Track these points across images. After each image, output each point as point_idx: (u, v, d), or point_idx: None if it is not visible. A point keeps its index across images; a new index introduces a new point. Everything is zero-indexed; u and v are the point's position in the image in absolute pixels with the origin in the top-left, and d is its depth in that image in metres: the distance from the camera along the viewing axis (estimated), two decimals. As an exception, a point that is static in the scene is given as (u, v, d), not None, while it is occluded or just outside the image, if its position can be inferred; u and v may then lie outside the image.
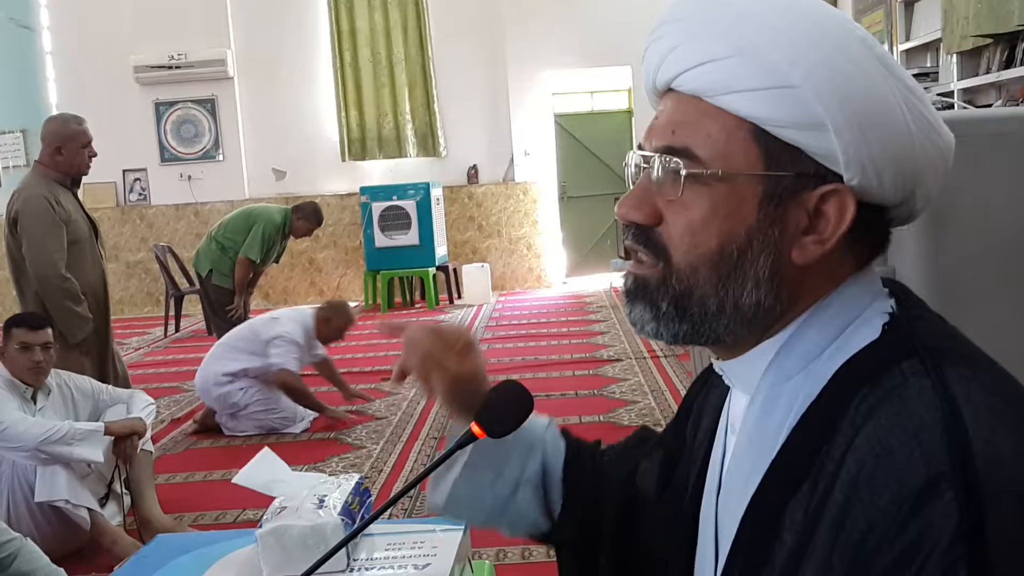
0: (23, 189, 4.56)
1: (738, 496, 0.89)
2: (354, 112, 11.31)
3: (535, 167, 11.34)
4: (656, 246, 0.89)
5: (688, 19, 0.88)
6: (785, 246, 0.86)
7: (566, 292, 10.89)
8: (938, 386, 0.78)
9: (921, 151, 0.86)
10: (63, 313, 4.41)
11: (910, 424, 0.76)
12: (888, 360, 0.82)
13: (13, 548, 3.02)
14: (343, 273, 11.46)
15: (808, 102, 0.82)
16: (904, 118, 0.84)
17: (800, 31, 0.83)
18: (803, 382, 0.87)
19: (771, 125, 0.84)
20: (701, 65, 0.86)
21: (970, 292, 2.66)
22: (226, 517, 4.23)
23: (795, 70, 0.82)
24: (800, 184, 0.85)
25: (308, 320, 5.66)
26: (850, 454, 0.78)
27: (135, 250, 11.26)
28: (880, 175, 0.85)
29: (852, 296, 0.88)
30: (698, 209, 0.86)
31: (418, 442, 5.19)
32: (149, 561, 1.93)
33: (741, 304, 0.87)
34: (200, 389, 5.60)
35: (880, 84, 0.83)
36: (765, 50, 0.83)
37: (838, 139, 0.83)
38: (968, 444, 0.74)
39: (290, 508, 1.82)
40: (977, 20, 5.39)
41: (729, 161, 0.85)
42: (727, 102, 0.85)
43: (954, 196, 2.67)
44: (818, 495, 0.79)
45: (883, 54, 0.85)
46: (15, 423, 3.70)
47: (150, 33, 11.03)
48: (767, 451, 0.87)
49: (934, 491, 0.72)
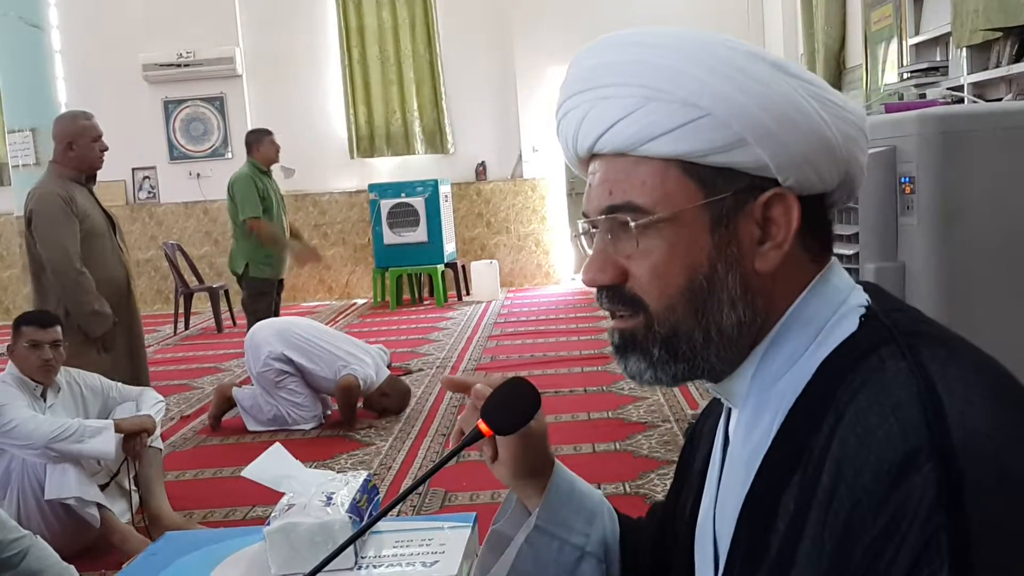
0: (37, 188, 4.57)
1: (734, 500, 0.91)
2: (362, 109, 11.32)
3: (543, 163, 11.33)
4: (631, 300, 0.93)
5: (590, 87, 0.93)
6: (747, 260, 0.89)
7: (575, 288, 10.87)
8: (914, 366, 0.80)
9: (840, 134, 0.90)
10: (80, 308, 4.40)
11: (888, 402, 0.78)
12: (867, 349, 0.84)
13: (23, 546, 3.02)
14: (352, 270, 11.47)
15: (724, 124, 0.86)
16: (813, 110, 0.88)
17: (694, 63, 0.87)
18: (790, 381, 0.89)
19: (697, 156, 0.88)
20: (616, 124, 0.90)
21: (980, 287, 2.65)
22: (236, 514, 4.23)
23: (703, 99, 0.87)
24: (741, 200, 0.89)
25: (382, 358, 5.85)
26: (834, 438, 0.80)
27: (144, 248, 11.28)
28: (813, 168, 0.89)
29: (825, 293, 0.91)
30: (657, 253, 0.90)
31: (427, 439, 5.19)
32: (158, 558, 1.93)
33: (724, 327, 0.90)
34: (251, 347, 5.65)
35: (782, 87, 0.87)
36: (669, 90, 0.87)
37: (762, 148, 0.86)
38: (944, 417, 0.76)
39: (298, 505, 1.82)
40: (987, 14, 5.36)
41: (670, 202, 0.89)
42: (649, 149, 0.89)
43: (964, 191, 2.66)
44: (807, 482, 0.81)
45: (775, 59, 0.89)
46: (25, 421, 3.71)
47: (159, 31, 11.05)
48: (759, 451, 0.89)
49: (912, 464, 0.74)
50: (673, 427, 5.04)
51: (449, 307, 10.22)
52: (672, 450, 4.64)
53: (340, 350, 5.61)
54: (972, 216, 2.66)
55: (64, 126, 4.61)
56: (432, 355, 7.54)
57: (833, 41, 8.64)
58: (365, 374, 5.53)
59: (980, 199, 2.66)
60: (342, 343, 5.73)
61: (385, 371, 5.76)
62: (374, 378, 5.59)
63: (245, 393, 5.67)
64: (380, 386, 5.63)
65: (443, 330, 8.76)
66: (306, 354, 5.55)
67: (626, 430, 5.05)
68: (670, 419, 5.19)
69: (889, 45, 7.51)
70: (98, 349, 4.47)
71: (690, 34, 0.90)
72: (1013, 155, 2.70)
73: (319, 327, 5.91)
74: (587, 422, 5.31)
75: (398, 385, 5.79)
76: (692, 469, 1.09)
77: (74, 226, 4.42)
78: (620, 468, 4.42)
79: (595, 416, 5.40)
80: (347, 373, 5.48)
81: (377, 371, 5.65)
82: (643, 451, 4.67)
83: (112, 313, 4.49)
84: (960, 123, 2.72)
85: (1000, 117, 2.82)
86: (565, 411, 5.49)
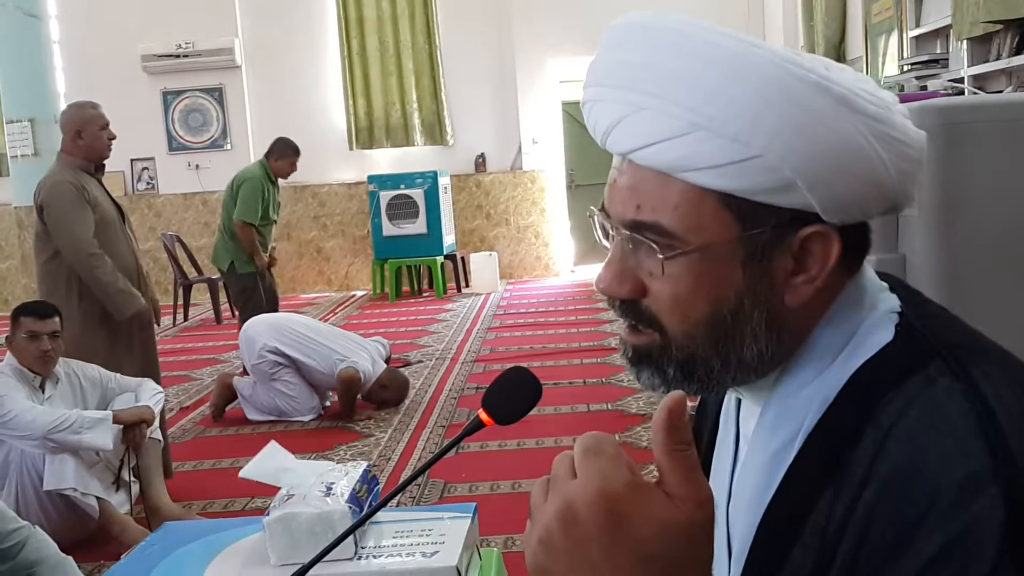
0: (48, 177, 4.55)
1: (752, 503, 0.88)
2: (362, 101, 11.30)
3: (543, 155, 11.32)
4: (647, 318, 0.88)
5: (627, 87, 0.85)
6: (776, 295, 0.85)
7: (574, 280, 10.88)
8: (967, 387, 0.76)
9: (897, 172, 0.83)
10: (106, 289, 4.37)
11: (944, 425, 0.75)
12: (912, 364, 0.80)
13: (22, 536, 3.02)
14: (351, 262, 11.46)
15: (774, 168, 0.79)
16: (874, 152, 0.81)
17: (753, 93, 0.79)
18: (817, 389, 0.85)
19: (742, 193, 0.81)
20: (656, 144, 0.82)
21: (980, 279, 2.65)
22: (235, 505, 4.23)
23: (756, 139, 0.79)
24: (779, 234, 0.83)
25: (379, 352, 5.87)
26: (881, 455, 0.76)
27: (143, 239, 11.24)
28: (860, 208, 0.83)
29: (854, 299, 0.87)
30: (683, 283, 0.84)
31: (426, 430, 5.19)
32: (157, 549, 1.93)
33: (744, 358, 0.86)
34: (245, 340, 5.67)
35: (843, 127, 0.80)
36: (721, 122, 0.79)
37: (811, 194, 0.80)
38: (1006, 441, 0.73)
39: (297, 496, 1.81)
40: (987, 6, 5.35)
41: (703, 232, 0.83)
42: (690, 178, 0.82)
43: (963, 182, 2.65)
44: (845, 498, 0.78)
45: (841, 92, 0.80)
46: (23, 412, 3.71)
47: (158, 22, 11.03)
48: (784, 459, 0.86)
49: (977, 487, 0.71)
50: (672, 419, 5.03)
51: (448, 299, 10.22)
52: (671, 442, 4.64)
53: (336, 344, 5.62)
54: (972, 208, 2.66)
55: (72, 115, 4.61)
56: (431, 347, 7.54)
57: (833, 33, 8.63)
58: (363, 368, 5.54)
59: (980, 191, 2.66)
60: (337, 338, 5.74)
61: (382, 364, 5.76)
62: (371, 371, 5.59)
63: (245, 382, 5.69)
64: (379, 378, 5.64)
65: (442, 322, 8.76)
66: (301, 349, 5.55)
67: (625, 422, 5.06)
68: (669, 411, 5.19)
69: (889, 37, 7.51)
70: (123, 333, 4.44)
71: (749, 49, 0.80)
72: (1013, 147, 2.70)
73: (313, 323, 5.92)
74: (587, 414, 5.32)
75: (397, 377, 5.79)
76: (701, 442, 1.06)
77: (88, 213, 4.41)
78: (619, 460, 4.41)
79: (595, 408, 5.40)
80: (347, 366, 5.48)
81: (374, 365, 5.65)
82: (643, 443, 4.67)
83: (138, 292, 4.46)
84: (960, 115, 2.72)
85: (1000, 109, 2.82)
86: (564, 403, 5.50)
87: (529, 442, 4.74)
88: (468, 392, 5.97)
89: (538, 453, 4.62)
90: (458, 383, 6.25)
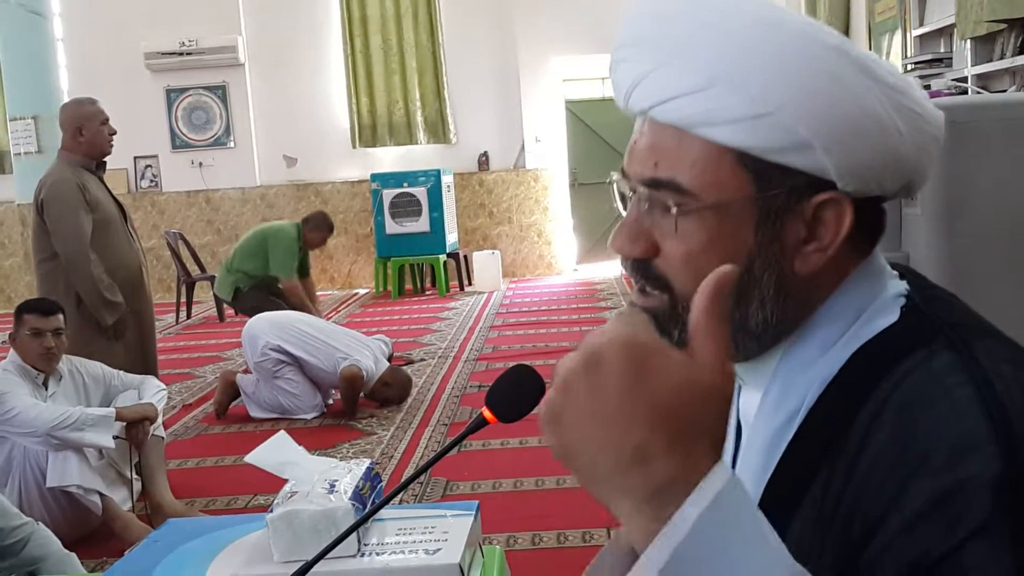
0: (49, 175, 4.55)
1: (753, 483, 0.88)
2: (365, 99, 11.30)
3: (546, 154, 11.32)
4: (657, 278, 0.88)
5: (651, 46, 0.86)
6: (787, 260, 0.85)
7: (577, 279, 10.87)
8: (966, 358, 0.77)
9: (913, 145, 0.84)
10: (92, 297, 4.38)
11: (938, 390, 0.75)
12: (914, 341, 0.81)
13: (25, 533, 3.03)
14: (354, 260, 11.47)
15: (790, 126, 0.80)
16: (891, 120, 0.82)
17: (773, 52, 0.80)
18: (821, 369, 0.86)
19: (758, 152, 0.82)
20: (676, 99, 0.84)
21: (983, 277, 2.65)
22: (237, 502, 4.24)
23: (773, 96, 0.80)
24: (794, 198, 0.84)
25: (382, 350, 5.88)
26: (875, 424, 0.77)
27: (146, 237, 11.25)
28: (875, 178, 0.84)
29: (863, 282, 0.87)
30: (695, 240, 0.85)
31: (428, 429, 5.19)
32: (160, 545, 1.93)
33: (748, 324, 0.86)
34: (248, 338, 5.67)
35: (862, 92, 0.81)
36: (740, 79, 0.80)
37: (827, 156, 0.81)
38: (1004, 409, 0.73)
39: (301, 493, 1.82)
40: (991, 5, 5.35)
41: (719, 190, 0.83)
42: (707, 133, 0.83)
43: (967, 181, 2.65)
44: (842, 467, 0.78)
45: (860, 57, 0.82)
46: (26, 408, 3.71)
47: (161, 19, 11.04)
48: (782, 435, 0.86)
49: (973, 446, 0.71)
50: (674, 418, 5.03)
51: (451, 297, 10.22)
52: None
53: (339, 342, 5.62)
54: (975, 206, 2.66)
55: (71, 112, 4.61)
56: (434, 345, 7.54)
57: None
58: (365, 366, 5.54)
59: (983, 189, 2.66)
60: (340, 336, 5.74)
61: (384, 363, 5.77)
62: (373, 370, 5.60)
63: (249, 379, 5.69)
64: (382, 376, 5.64)
65: (445, 320, 8.76)
66: (304, 347, 5.55)
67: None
68: (671, 410, 5.19)
69: (893, 36, 7.51)
70: (108, 337, 4.46)
71: (771, 12, 0.82)
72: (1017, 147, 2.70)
73: (316, 322, 5.93)
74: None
75: (399, 375, 5.79)
76: None
77: (87, 215, 4.42)
78: (621, 458, 4.41)
79: (597, 406, 5.39)
80: (350, 364, 5.49)
81: (376, 363, 5.66)
82: (644, 441, 4.66)
83: (124, 302, 4.48)
84: (964, 114, 2.72)
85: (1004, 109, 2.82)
86: (567, 401, 5.48)
87: (531, 440, 4.74)
88: (470, 391, 5.97)
89: (540, 452, 4.61)
90: (460, 381, 6.25)
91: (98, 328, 4.44)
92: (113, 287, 4.43)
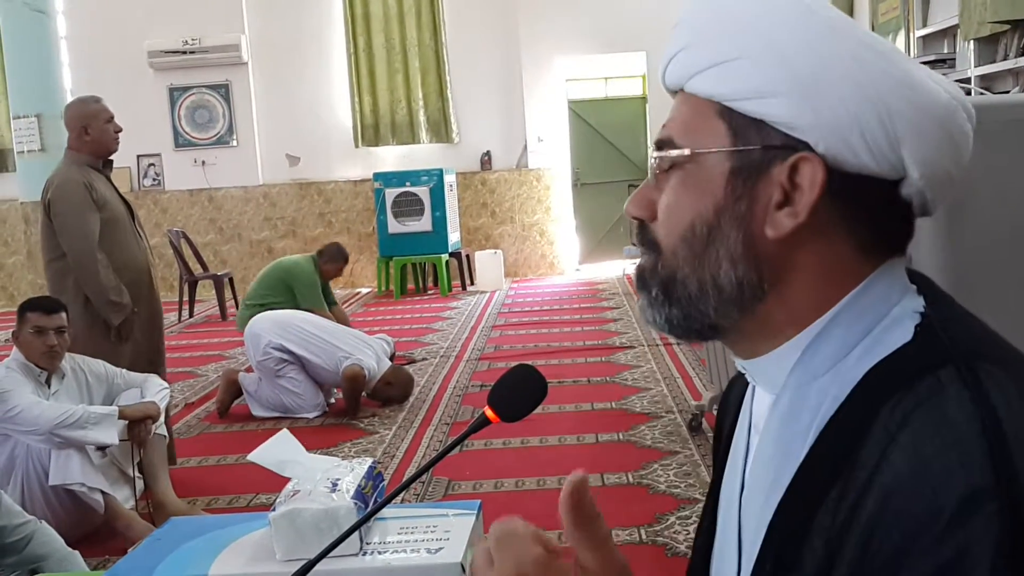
0: (56, 175, 4.53)
1: (763, 498, 0.87)
2: (367, 98, 11.31)
3: (548, 154, 11.32)
4: (649, 240, 0.91)
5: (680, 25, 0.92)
6: (757, 221, 0.85)
7: (579, 279, 10.88)
8: (976, 396, 0.75)
9: (886, 110, 0.83)
10: (99, 297, 4.37)
11: (949, 434, 0.74)
12: (923, 366, 0.79)
13: (28, 531, 3.03)
14: (356, 259, 11.46)
15: (750, 72, 0.84)
16: (855, 77, 0.83)
17: (742, 6, 0.86)
18: (831, 383, 0.85)
19: (730, 100, 0.85)
20: (674, 57, 0.90)
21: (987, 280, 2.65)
22: (240, 501, 4.24)
23: (735, 41, 0.85)
24: (769, 157, 0.85)
25: (384, 350, 5.90)
26: (884, 463, 0.76)
27: (149, 236, 11.16)
28: (844, 138, 0.83)
29: (878, 293, 0.86)
30: (672, 191, 0.88)
31: (430, 428, 5.20)
32: (162, 544, 1.94)
33: (720, 283, 0.87)
34: (250, 337, 5.68)
35: (823, 46, 0.83)
36: (710, 29, 0.87)
37: (788, 103, 0.83)
38: (1010, 458, 0.72)
39: (303, 491, 1.82)
40: (994, 6, 5.35)
41: (698, 139, 0.87)
42: (693, 86, 0.88)
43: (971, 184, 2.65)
44: (848, 503, 0.77)
45: (831, 16, 0.86)
46: (29, 407, 3.72)
47: (164, 18, 11.05)
48: (795, 454, 0.85)
49: (975, 504, 0.70)
50: (676, 418, 5.04)
51: (453, 296, 10.22)
52: (675, 441, 4.64)
53: (341, 341, 5.63)
54: (979, 208, 2.66)
55: (76, 111, 4.60)
56: (436, 344, 7.54)
57: (840, 32, 8.61)
58: (368, 365, 5.55)
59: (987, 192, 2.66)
60: (342, 335, 5.74)
61: (386, 362, 5.77)
62: (376, 369, 5.61)
63: (251, 378, 5.70)
64: (384, 375, 5.65)
65: (447, 320, 8.77)
66: (306, 346, 5.56)
67: (629, 421, 5.06)
68: (673, 410, 5.19)
69: (896, 37, 7.50)
70: (114, 337, 4.46)
71: None
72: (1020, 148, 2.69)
73: (318, 321, 5.92)
74: (590, 412, 5.32)
75: (401, 374, 5.80)
76: (719, 444, 1.06)
77: (94, 216, 4.41)
78: (623, 459, 4.42)
79: (598, 407, 5.40)
80: (352, 363, 5.49)
81: (378, 362, 5.67)
82: (646, 442, 4.67)
83: (131, 303, 4.47)
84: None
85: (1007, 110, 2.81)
86: (568, 401, 5.50)
87: (533, 440, 4.75)
88: (472, 390, 5.97)
89: (542, 451, 4.62)
90: (462, 381, 6.26)
91: (106, 328, 4.44)
92: (120, 288, 4.42)
